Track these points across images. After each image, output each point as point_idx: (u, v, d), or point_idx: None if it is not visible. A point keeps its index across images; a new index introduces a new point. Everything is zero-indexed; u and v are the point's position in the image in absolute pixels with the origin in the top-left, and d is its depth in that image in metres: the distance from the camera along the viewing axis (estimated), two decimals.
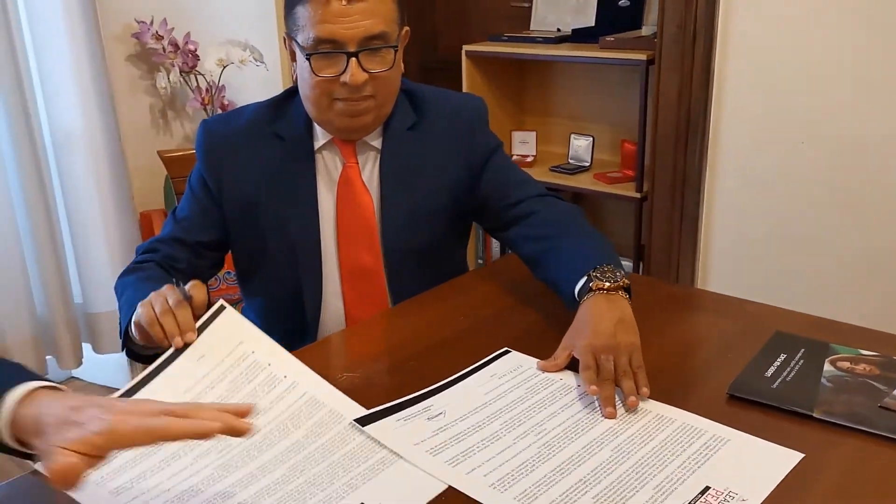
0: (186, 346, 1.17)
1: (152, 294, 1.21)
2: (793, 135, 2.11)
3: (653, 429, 1.05)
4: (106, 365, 2.87)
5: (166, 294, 1.20)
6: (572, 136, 2.93)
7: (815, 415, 1.07)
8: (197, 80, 2.74)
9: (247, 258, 1.55)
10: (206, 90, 2.73)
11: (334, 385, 1.18)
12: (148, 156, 2.68)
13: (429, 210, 1.52)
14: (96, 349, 2.68)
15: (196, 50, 2.71)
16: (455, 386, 1.17)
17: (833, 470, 0.99)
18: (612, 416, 1.09)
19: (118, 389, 1.12)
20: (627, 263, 2.81)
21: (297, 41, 1.39)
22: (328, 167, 1.51)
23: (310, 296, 1.50)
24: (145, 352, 1.26)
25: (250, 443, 1.05)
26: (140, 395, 1.12)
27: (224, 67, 2.70)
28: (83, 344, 2.68)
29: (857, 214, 2.06)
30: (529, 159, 2.99)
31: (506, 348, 1.26)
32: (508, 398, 1.14)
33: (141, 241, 2.69)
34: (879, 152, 2.00)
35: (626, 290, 1.27)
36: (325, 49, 1.35)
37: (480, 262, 3.20)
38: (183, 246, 1.50)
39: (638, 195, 2.57)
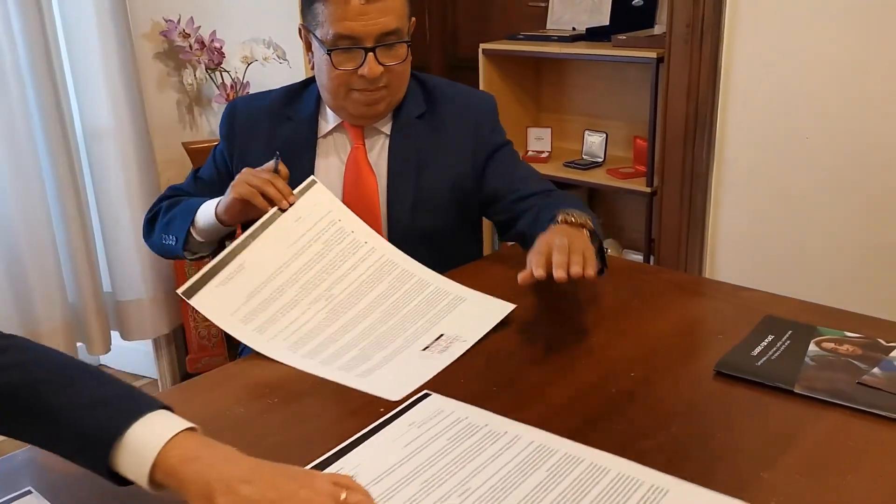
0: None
1: (242, 174, 1.42)
2: (797, 131, 2.16)
3: (587, 481, 0.95)
4: (133, 352, 2.99)
5: (255, 171, 1.42)
6: (586, 132, 2.99)
7: (795, 390, 1.13)
8: (222, 76, 2.83)
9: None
10: (231, 86, 2.82)
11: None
12: (175, 149, 2.78)
13: (432, 196, 1.60)
14: (124, 336, 2.78)
15: (221, 48, 2.81)
16: (368, 440, 1.05)
17: (810, 442, 1.05)
18: (563, 279, 1.16)
19: (145, 378, 1.25)
20: (638, 256, 2.87)
21: (315, 35, 1.49)
22: (337, 149, 1.61)
23: None
24: (201, 250, 1.53)
25: (348, 294, 1.35)
26: (249, 251, 1.36)
27: (248, 65, 2.79)
28: (112, 331, 2.78)
29: (861, 208, 2.11)
30: (545, 155, 3.06)
31: (426, 391, 1.16)
32: (428, 451, 1.02)
33: None
34: (884, 148, 2.04)
35: (595, 240, 1.36)
36: (345, 45, 1.46)
37: None
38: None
39: (648, 190, 2.63)
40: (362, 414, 1.13)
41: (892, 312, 1.99)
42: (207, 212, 1.49)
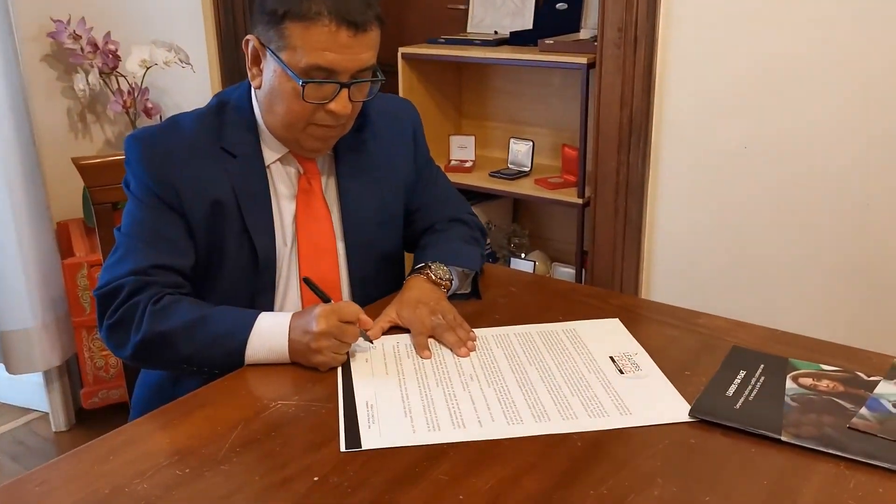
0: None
1: (321, 341, 1.21)
2: (735, 140, 2.08)
3: None
4: (22, 384, 2.70)
5: (340, 333, 1.23)
6: (512, 140, 2.87)
7: (783, 438, 1.02)
8: (118, 81, 2.59)
9: (202, 271, 1.39)
10: (129, 92, 2.59)
11: (265, 413, 1.08)
12: (65, 162, 2.49)
13: (390, 212, 1.52)
14: (10, 369, 2.51)
15: (117, 50, 2.57)
16: None
17: (807, 499, 0.93)
18: (472, 349, 1.29)
19: (35, 411, 1.02)
20: (570, 270, 2.76)
21: (278, 57, 1.29)
22: (284, 180, 1.44)
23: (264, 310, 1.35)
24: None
25: (481, 367, 1.26)
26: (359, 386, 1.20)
27: (147, 69, 2.56)
28: None
29: (799, 219, 2.04)
30: (468, 164, 2.92)
31: None
32: None
33: (58, 252, 2.53)
34: (822, 157, 1.98)
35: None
36: (320, 77, 1.29)
37: None
38: (177, 273, 1.34)
39: (580, 201, 2.52)
40: (294, 483, 0.96)
41: (842, 329, 1.95)
42: (267, 347, 1.25)
